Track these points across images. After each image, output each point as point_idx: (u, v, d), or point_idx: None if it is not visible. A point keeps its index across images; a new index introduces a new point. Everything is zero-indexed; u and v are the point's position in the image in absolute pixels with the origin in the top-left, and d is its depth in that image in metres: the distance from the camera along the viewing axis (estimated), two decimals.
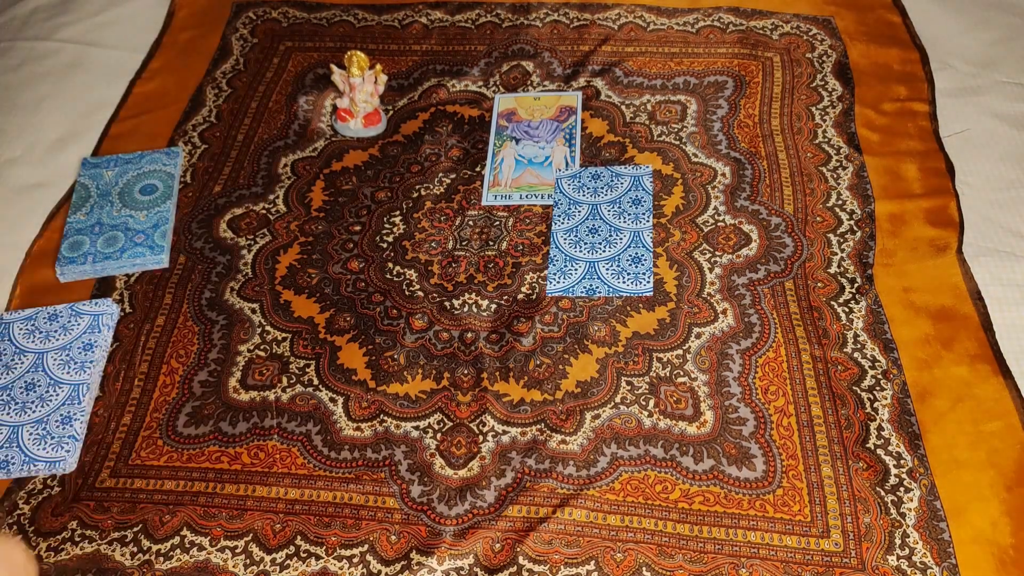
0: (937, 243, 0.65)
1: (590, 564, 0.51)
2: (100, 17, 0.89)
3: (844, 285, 0.63)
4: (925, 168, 0.71)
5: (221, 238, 0.69)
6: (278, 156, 0.75)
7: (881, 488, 0.53)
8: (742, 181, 0.70)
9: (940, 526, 0.51)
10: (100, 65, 0.85)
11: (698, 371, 0.59)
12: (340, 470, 0.56)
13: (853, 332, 0.60)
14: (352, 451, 0.57)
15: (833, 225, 0.67)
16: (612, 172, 0.71)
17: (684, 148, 0.73)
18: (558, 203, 0.69)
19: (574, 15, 0.85)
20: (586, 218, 0.68)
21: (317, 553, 0.53)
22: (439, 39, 0.85)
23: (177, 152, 0.75)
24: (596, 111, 0.77)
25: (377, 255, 0.67)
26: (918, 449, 0.54)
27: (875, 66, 0.79)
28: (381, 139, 0.76)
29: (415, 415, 0.58)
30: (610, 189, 0.69)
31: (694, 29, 0.83)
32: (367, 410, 0.59)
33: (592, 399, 0.58)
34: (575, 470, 0.55)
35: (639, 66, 0.80)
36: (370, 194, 0.72)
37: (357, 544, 0.53)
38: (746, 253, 0.66)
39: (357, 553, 0.52)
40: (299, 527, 0.54)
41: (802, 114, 0.75)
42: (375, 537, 0.53)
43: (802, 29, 0.83)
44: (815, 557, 0.50)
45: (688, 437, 0.56)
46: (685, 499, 0.53)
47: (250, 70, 0.83)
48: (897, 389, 0.57)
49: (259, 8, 0.89)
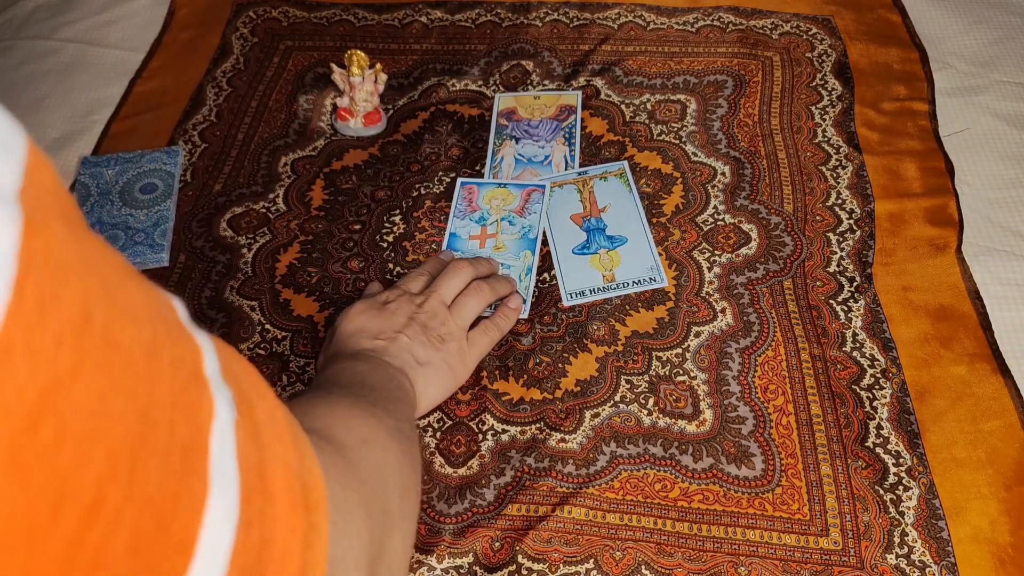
0: (936, 242, 0.65)
1: (589, 562, 0.51)
2: (100, 16, 0.89)
3: (843, 284, 0.63)
4: (925, 167, 0.71)
5: (221, 237, 0.69)
6: (278, 155, 0.75)
7: (880, 487, 0.53)
8: (742, 180, 0.71)
9: (939, 525, 0.51)
10: (100, 64, 0.85)
11: (697, 370, 0.59)
12: None
13: (852, 331, 0.60)
14: None
15: (833, 224, 0.67)
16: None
17: (684, 147, 0.73)
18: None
19: (574, 14, 0.86)
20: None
21: None
22: (439, 38, 0.85)
23: (177, 151, 0.75)
24: (596, 110, 0.77)
25: (377, 254, 0.68)
26: (917, 448, 0.55)
27: (875, 66, 0.79)
28: (381, 138, 0.76)
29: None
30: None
31: (694, 28, 0.83)
32: None
33: (591, 398, 0.58)
34: (574, 468, 0.55)
35: (639, 65, 0.80)
36: (370, 193, 0.72)
37: None
38: (745, 252, 0.66)
39: None
40: None
41: (802, 113, 0.75)
42: None
43: (802, 29, 0.83)
44: (814, 555, 0.50)
45: (687, 435, 0.56)
46: (684, 497, 0.53)
47: (250, 69, 0.83)
48: (896, 388, 0.57)
49: (259, 7, 0.89)
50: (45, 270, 0.17)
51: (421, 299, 0.58)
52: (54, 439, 0.16)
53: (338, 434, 0.38)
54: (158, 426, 0.19)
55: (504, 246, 0.67)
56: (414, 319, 0.56)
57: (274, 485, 0.24)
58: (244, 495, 0.22)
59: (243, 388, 0.25)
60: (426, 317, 0.56)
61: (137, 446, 0.18)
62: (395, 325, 0.55)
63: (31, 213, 0.17)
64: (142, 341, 0.19)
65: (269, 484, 0.24)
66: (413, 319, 0.56)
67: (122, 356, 0.18)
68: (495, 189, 0.71)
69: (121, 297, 0.19)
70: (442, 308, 0.58)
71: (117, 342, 0.18)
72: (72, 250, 0.18)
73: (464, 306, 0.59)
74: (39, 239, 0.17)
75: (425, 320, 0.56)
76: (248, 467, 0.23)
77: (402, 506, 0.39)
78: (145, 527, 0.18)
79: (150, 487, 0.19)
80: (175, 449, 0.20)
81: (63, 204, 0.19)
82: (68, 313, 0.17)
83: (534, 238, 0.67)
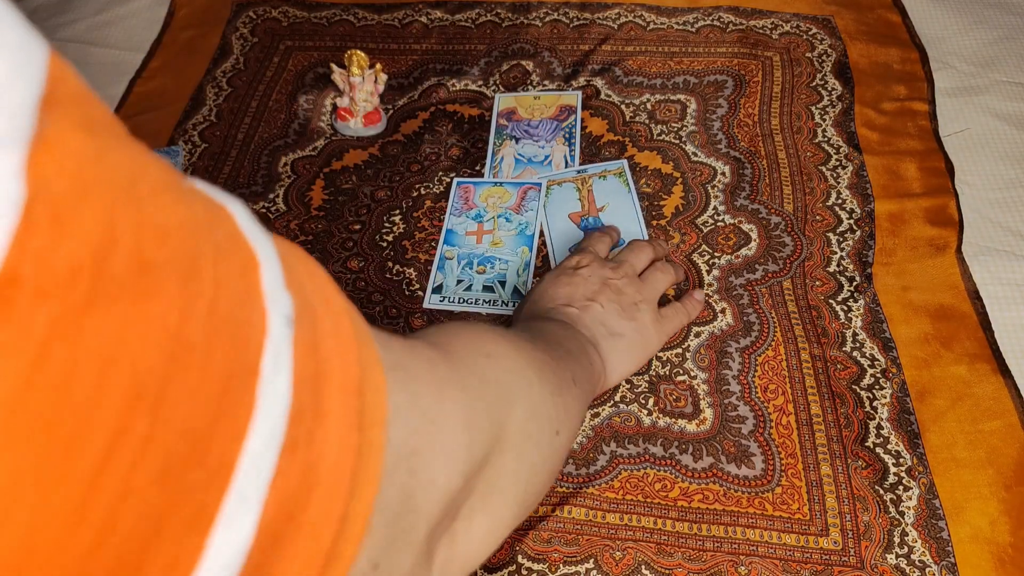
0: (936, 242, 0.65)
1: (589, 562, 0.51)
2: (100, 16, 0.89)
3: (843, 284, 0.63)
4: (925, 167, 0.71)
5: None
6: (278, 155, 0.75)
7: (880, 487, 0.53)
8: (742, 180, 0.71)
9: (939, 524, 0.51)
10: (100, 64, 0.85)
11: (698, 369, 0.59)
12: None
13: (852, 331, 0.60)
14: None
15: (833, 224, 0.67)
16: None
17: (684, 147, 0.73)
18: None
19: (574, 14, 0.86)
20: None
21: None
22: (439, 38, 0.85)
23: (177, 151, 0.75)
24: (596, 110, 0.77)
25: (377, 254, 0.68)
26: (917, 448, 0.55)
27: (875, 65, 0.79)
28: (381, 138, 0.76)
29: None
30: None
31: (694, 28, 0.83)
32: None
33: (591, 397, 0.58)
34: (574, 468, 0.55)
35: (639, 65, 0.80)
36: (370, 193, 0.72)
37: None
38: (745, 252, 0.66)
39: None
40: None
41: (802, 113, 0.75)
42: None
43: (802, 28, 0.83)
44: (814, 555, 0.50)
45: (687, 435, 0.56)
46: (684, 497, 0.53)
47: (250, 69, 0.83)
48: (896, 388, 0.57)
49: (259, 7, 0.89)
50: (60, 189, 0.15)
51: (614, 264, 0.56)
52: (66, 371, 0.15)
53: (459, 346, 0.36)
54: (194, 350, 0.18)
55: (501, 242, 0.67)
56: (608, 284, 0.54)
57: (328, 401, 0.23)
58: (294, 415, 0.21)
59: (307, 294, 0.23)
60: (622, 283, 0.55)
61: (168, 372, 0.17)
62: (587, 292, 0.53)
63: (45, 128, 0.16)
64: (179, 259, 0.18)
65: (323, 400, 0.22)
66: (607, 284, 0.54)
67: (152, 278, 0.17)
68: (491, 188, 0.71)
69: (155, 212, 0.18)
70: (635, 276, 0.56)
71: (147, 263, 0.17)
72: (94, 164, 0.17)
73: (654, 279, 0.57)
74: (53, 155, 0.16)
75: (621, 286, 0.54)
76: (302, 384, 0.22)
77: (528, 428, 0.37)
78: (177, 456, 0.18)
79: (183, 414, 0.18)
80: (215, 373, 0.19)
81: (88, 113, 0.18)
82: (87, 236, 0.16)
83: (531, 234, 0.67)
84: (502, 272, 0.65)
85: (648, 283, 0.57)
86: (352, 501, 0.23)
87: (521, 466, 0.37)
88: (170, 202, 0.19)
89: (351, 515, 0.23)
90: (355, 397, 0.24)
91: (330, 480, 0.22)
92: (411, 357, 0.31)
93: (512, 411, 0.36)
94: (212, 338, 0.19)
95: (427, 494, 0.29)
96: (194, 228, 0.19)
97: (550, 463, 0.40)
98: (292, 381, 0.21)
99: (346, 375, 0.24)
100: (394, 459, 0.27)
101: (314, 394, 0.22)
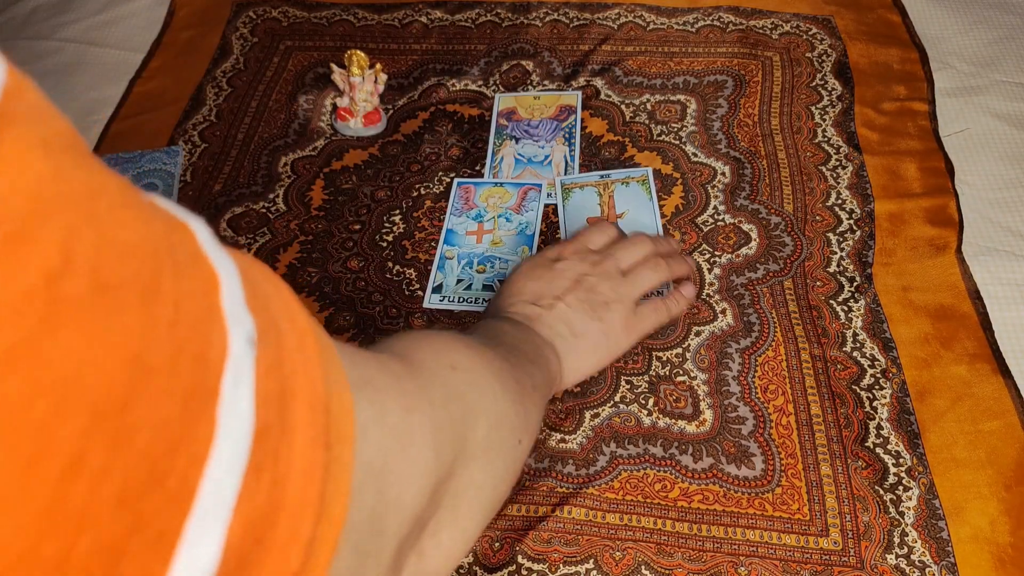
0: (936, 242, 0.65)
1: (589, 563, 0.51)
2: (100, 16, 0.89)
3: (843, 284, 0.63)
4: (924, 167, 0.71)
5: (221, 237, 0.69)
6: (278, 155, 0.75)
7: (880, 487, 0.53)
8: (742, 180, 0.71)
9: (939, 525, 0.51)
10: (100, 64, 0.85)
11: (697, 370, 0.59)
12: None
13: (852, 331, 0.60)
14: None
15: (833, 224, 0.67)
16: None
17: (684, 147, 0.73)
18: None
19: (574, 14, 0.86)
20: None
21: None
22: (439, 38, 0.85)
23: (177, 151, 0.75)
24: (596, 110, 0.77)
25: (377, 254, 0.68)
26: (917, 448, 0.55)
27: (875, 66, 0.79)
28: (381, 138, 0.76)
29: None
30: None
31: (694, 29, 0.83)
32: None
33: (591, 398, 0.58)
34: (574, 469, 0.55)
35: (639, 65, 0.80)
36: (370, 193, 0.72)
37: None
38: (746, 252, 0.66)
39: None
40: None
41: (802, 113, 0.75)
42: None
43: (802, 29, 0.83)
44: (814, 555, 0.50)
45: (687, 436, 0.56)
46: (684, 497, 0.53)
47: (250, 69, 0.83)
48: (896, 388, 0.57)
49: (259, 7, 0.89)
50: (15, 209, 0.15)
51: (597, 258, 0.55)
52: (24, 395, 0.15)
53: (423, 358, 0.36)
54: (154, 372, 0.18)
55: (501, 241, 0.67)
56: (581, 282, 0.54)
57: (295, 419, 0.22)
58: (258, 435, 0.20)
59: (272, 313, 0.23)
60: (596, 280, 0.54)
61: (127, 395, 0.17)
62: (556, 289, 0.53)
63: (0, 145, 0.15)
64: (139, 279, 0.18)
65: (289, 418, 0.22)
66: (580, 282, 0.54)
67: (110, 299, 0.17)
68: (492, 188, 0.71)
69: (114, 232, 0.17)
70: (616, 273, 0.55)
71: (105, 283, 0.17)
72: (52, 183, 0.16)
73: (639, 276, 0.56)
74: (8, 173, 0.15)
75: (594, 283, 0.54)
76: (266, 403, 0.21)
77: (491, 439, 0.37)
78: (136, 480, 0.17)
79: (143, 438, 0.17)
80: (176, 395, 0.18)
81: (46, 129, 0.17)
82: (42, 258, 0.15)
83: (531, 234, 0.67)
84: (502, 271, 0.65)
85: (630, 280, 0.55)
86: (320, 522, 0.22)
87: (486, 477, 0.37)
88: (129, 220, 0.18)
89: (319, 537, 0.22)
90: (322, 414, 0.24)
91: (298, 500, 0.22)
92: (378, 371, 0.31)
93: (477, 423, 0.36)
94: (172, 360, 0.18)
95: (395, 514, 0.29)
96: (154, 247, 0.19)
97: (513, 471, 0.41)
98: (255, 401, 0.21)
99: (312, 393, 0.23)
100: (362, 479, 0.26)
101: (280, 413, 0.22)
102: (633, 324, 0.55)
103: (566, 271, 0.54)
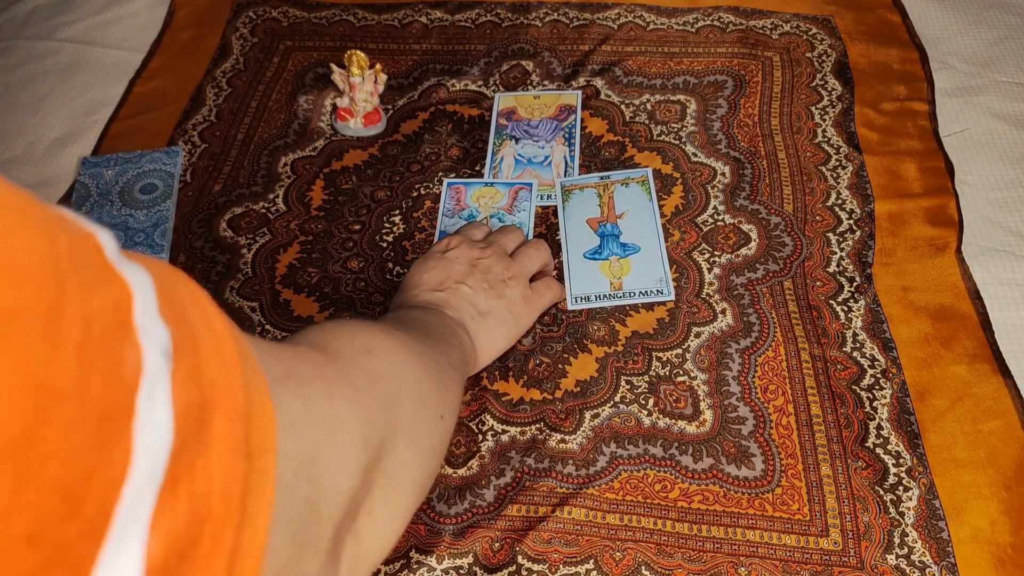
0: (936, 242, 0.65)
1: (589, 563, 0.51)
2: (100, 16, 0.89)
3: (843, 284, 0.63)
4: (924, 167, 0.71)
5: (221, 237, 0.69)
6: (278, 155, 0.75)
7: (880, 487, 0.53)
8: (742, 180, 0.71)
9: (939, 525, 0.51)
10: (100, 65, 0.85)
11: (697, 370, 0.59)
12: None
13: (852, 331, 0.60)
14: None
15: (833, 224, 0.67)
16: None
17: (684, 148, 0.73)
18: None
19: (574, 15, 0.86)
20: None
21: None
22: (439, 38, 0.85)
23: (177, 151, 0.75)
24: (596, 110, 0.77)
25: (377, 254, 0.68)
26: (917, 448, 0.54)
27: (875, 66, 0.79)
28: (381, 138, 0.76)
29: None
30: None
31: (694, 29, 0.83)
32: None
33: (591, 398, 0.58)
34: (574, 469, 0.55)
35: (639, 65, 0.80)
36: (370, 193, 0.72)
37: None
38: (745, 252, 0.66)
39: None
40: None
41: (802, 113, 0.75)
42: None
43: (802, 28, 0.83)
44: (814, 556, 0.50)
45: (687, 436, 0.56)
46: (684, 498, 0.53)
47: (250, 69, 0.83)
48: (896, 388, 0.57)
49: (259, 7, 0.89)
50: None
51: (483, 244, 0.59)
52: None
53: (339, 346, 0.37)
54: (62, 399, 0.17)
55: None
56: (476, 265, 0.56)
57: (214, 430, 0.22)
58: (176, 450, 0.20)
59: (188, 320, 0.22)
60: (490, 262, 0.57)
61: (32, 427, 0.16)
62: (455, 275, 0.56)
63: None
64: (40, 303, 0.17)
65: (208, 430, 0.21)
66: (475, 266, 0.56)
67: (10, 326, 0.16)
68: (482, 188, 0.71)
69: (9, 254, 0.16)
70: (504, 254, 0.59)
71: (3, 309, 0.16)
72: None
73: (526, 255, 0.60)
74: None
75: (489, 265, 0.57)
76: (185, 416, 0.20)
77: (415, 417, 0.38)
78: (49, 513, 0.16)
79: (54, 468, 0.16)
80: (88, 419, 0.17)
81: None
82: None
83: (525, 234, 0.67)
84: None
85: (519, 260, 0.59)
86: (243, 532, 0.22)
87: (415, 455, 0.38)
88: (27, 240, 0.17)
89: (243, 547, 0.22)
90: (241, 424, 0.23)
91: (219, 511, 0.21)
92: (299, 363, 0.31)
93: (400, 403, 0.37)
94: (82, 383, 0.17)
95: (330, 500, 0.29)
96: (56, 265, 0.18)
97: (439, 447, 0.42)
98: (173, 415, 0.20)
99: (232, 402, 0.23)
100: (294, 472, 0.26)
101: (199, 424, 0.21)
102: (532, 299, 0.58)
103: (459, 258, 0.57)
